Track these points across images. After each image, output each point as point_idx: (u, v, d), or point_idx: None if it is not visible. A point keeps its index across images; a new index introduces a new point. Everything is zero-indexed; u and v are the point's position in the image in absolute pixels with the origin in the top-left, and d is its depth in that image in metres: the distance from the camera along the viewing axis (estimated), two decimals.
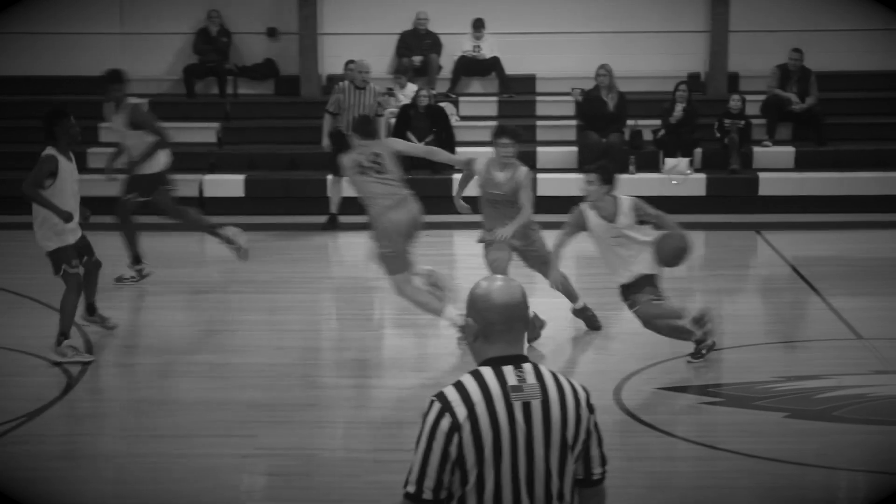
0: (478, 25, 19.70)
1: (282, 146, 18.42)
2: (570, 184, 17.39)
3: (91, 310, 11.53)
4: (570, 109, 18.85)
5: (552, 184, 17.33)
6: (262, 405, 9.78)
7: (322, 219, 16.85)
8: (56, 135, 10.70)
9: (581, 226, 10.66)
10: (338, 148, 15.21)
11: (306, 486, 8.27)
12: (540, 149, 18.47)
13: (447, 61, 19.85)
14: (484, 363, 4.47)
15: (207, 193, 17.53)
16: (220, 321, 12.35)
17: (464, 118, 19.12)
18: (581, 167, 17.42)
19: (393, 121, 18.06)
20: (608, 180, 10.49)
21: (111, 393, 10.38)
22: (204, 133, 18.60)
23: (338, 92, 16.36)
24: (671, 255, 10.44)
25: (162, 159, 13.42)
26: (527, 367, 4.46)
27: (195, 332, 12.16)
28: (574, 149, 18.28)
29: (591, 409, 4.52)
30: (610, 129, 18.04)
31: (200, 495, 8.14)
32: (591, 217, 10.54)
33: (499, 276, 4.64)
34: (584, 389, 4.54)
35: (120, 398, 10.32)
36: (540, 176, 17.38)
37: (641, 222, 10.48)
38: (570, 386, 4.48)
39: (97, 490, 8.42)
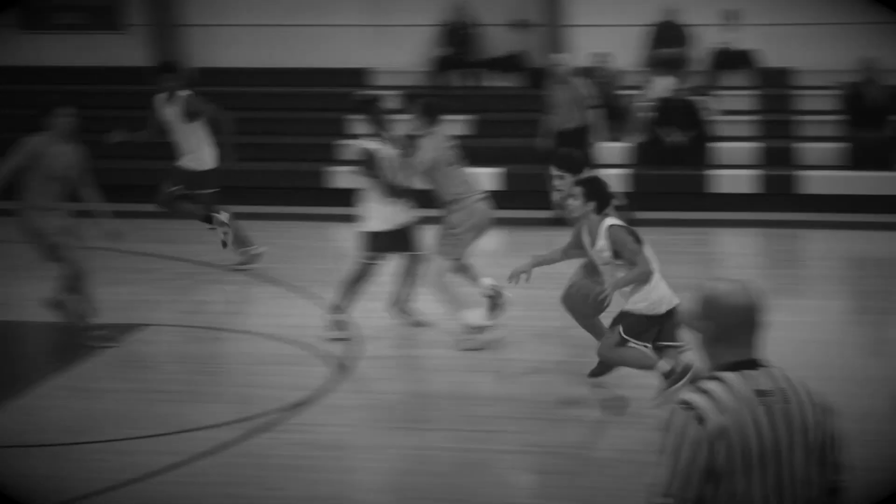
0: (731, 16, 19.30)
1: (530, 139, 18.33)
2: (835, 182, 17.06)
3: (401, 301, 11.65)
4: (833, 104, 18.29)
5: (817, 182, 16.92)
6: (528, 401, 9.78)
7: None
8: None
9: (579, 243, 9.72)
10: (558, 144, 15.32)
11: (577, 486, 8.24)
12: (799, 145, 18.02)
13: (703, 54, 19.48)
14: (724, 367, 4.37)
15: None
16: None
17: (722, 112, 18.70)
18: (854, 165, 17.08)
19: (647, 115, 17.86)
20: (591, 196, 9.37)
21: (378, 385, 10.46)
22: (453, 125, 18.54)
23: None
24: None
25: (208, 157, 13.61)
26: (770, 370, 4.38)
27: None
28: (838, 145, 17.72)
29: (831, 412, 4.42)
30: (874, 124, 17.45)
31: (465, 489, 8.17)
32: (584, 234, 9.61)
33: (732, 278, 4.53)
34: (819, 393, 4.43)
35: (386, 390, 10.44)
36: (803, 173, 17.03)
37: (616, 255, 9.23)
38: (809, 389, 4.40)
39: (361, 480, 8.59)
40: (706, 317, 4.39)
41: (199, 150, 13.58)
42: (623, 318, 9.28)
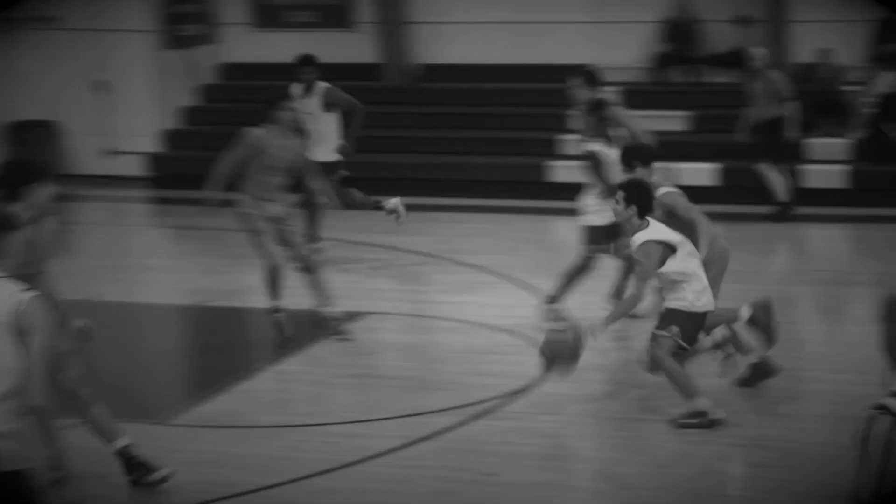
0: None
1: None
2: None
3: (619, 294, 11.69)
4: None
5: None
6: (742, 395, 9.73)
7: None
8: None
9: None
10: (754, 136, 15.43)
11: (787, 479, 8.21)
12: None
13: None
14: None
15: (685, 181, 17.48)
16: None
17: None
18: None
19: (870, 111, 17.56)
20: (632, 201, 9.09)
21: (592, 375, 10.49)
22: (673, 121, 18.57)
23: None
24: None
25: (332, 148, 13.72)
26: None
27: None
28: None
29: None
30: None
31: (679, 480, 8.23)
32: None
33: None
34: None
35: (600, 380, 10.46)
36: None
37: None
38: None
39: (575, 468, 8.74)
40: (891, 319, 4.36)
41: (330, 141, 13.86)
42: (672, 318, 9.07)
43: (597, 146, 11.40)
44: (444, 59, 20.14)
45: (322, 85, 13.92)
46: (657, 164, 10.09)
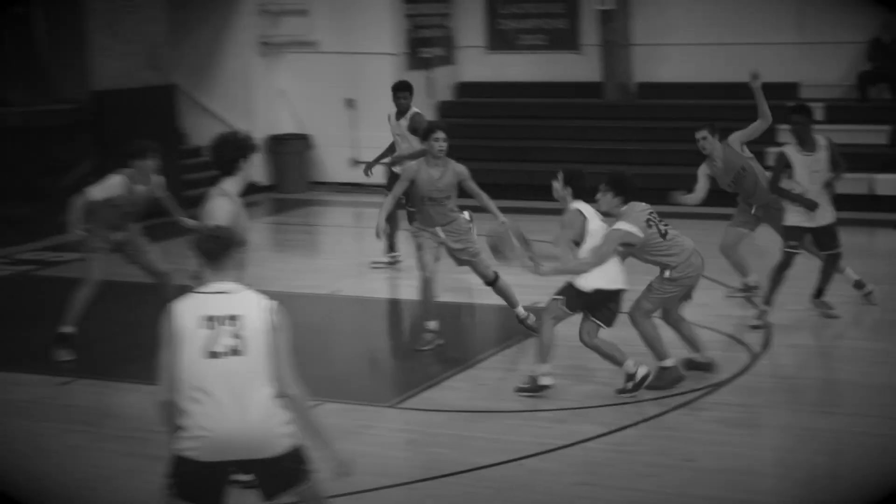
0: None
1: None
2: None
3: (819, 294, 11.45)
4: None
5: None
6: None
7: None
8: None
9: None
10: None
11: None
12: None
13: None
14: None
15: (879, 191, 17.04)
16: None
17: None
18: None
19: None
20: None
21: (790, 370, 10.27)
22: (875, 135, 17.98)
23: None
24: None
25: None
26: None
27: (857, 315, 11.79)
28: None
29: None
30: None
31: (871, 473, 7.89)
32: None
33: None
34: None
35: (797, 375, 10.16)
36: None
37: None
38: None
39: (770, 456, 8.38)
40: None
41: None
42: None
43: (791, 151, 11.12)
44: (659, 77, 19.88)
45: (414, 110, 13.73)
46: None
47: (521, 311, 10.95)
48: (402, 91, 13.86)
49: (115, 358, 10.80)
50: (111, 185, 10.45)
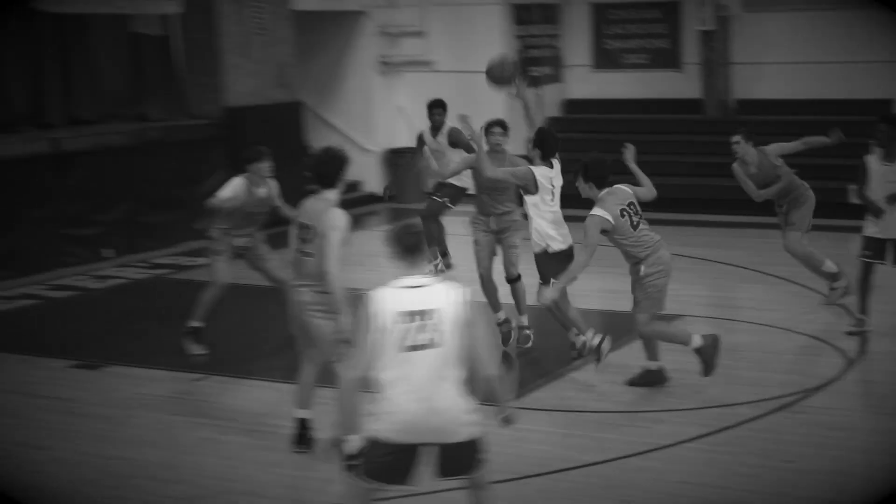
0: None
1: None
2: None
3: None
4: None
5: None
6: None
7: None
8: None
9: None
10: None
11: None
12: None
13: None
14: None
15: None
16: None
17: None
18: None
19: None
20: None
21: (884, 376, 10.03)
22: None
23: None
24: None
25: (467, 179, 12.91)
26: None
27: None
28: None
29: None
30: None
31: None
32: None
33: None
34: None
35: (891, 381, 9.92)
36: None
37: None
38: None
39: (864, 459, 8.20)
40: None
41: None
42: None
43: (871, 160, 10.89)
44: (757, 94, 19.57)
45: (448, 126, 13.55)
46: None
47: (501, 315, 10.97)
48: (436, 108, 13.75)
49: (242, 356, 10.91)
50: (233, 188, 10.58)
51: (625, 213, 9.27)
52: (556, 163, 10.13)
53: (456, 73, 19.73)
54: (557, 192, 10.09)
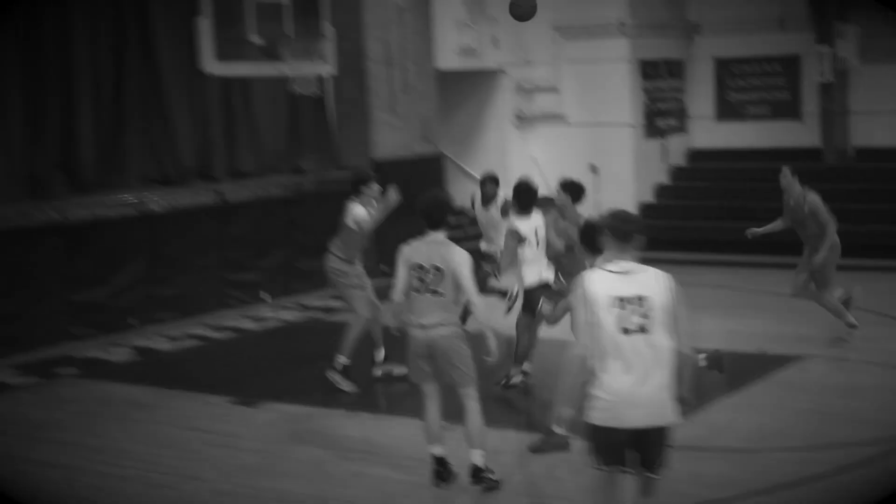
0: None
1: None
2: None
3: None
4: None
5: None
6: None
7: None
8: None
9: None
10: None
11: None
12: None
13: None
14: None
15: None
16: None
17: None
18: None
19: None
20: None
21: None
22: None
23: None
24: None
25: None
26: None
27: None
28: None
29: None
30: None
31: None
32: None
33: None
34: None
35: None
36: None
37: None
38: None
39: None
40: None
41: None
42: None
43: None
44: (875, 142, 19.05)
45: (503, 199, 12.90)
46: None
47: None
48: (489, 181, 13.21)
49: (388, 392, 10.92)
50: (357, 213, 10.61)
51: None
52: (535, 214, 10.43)
53: (587, 127, 19.69)
54: (538, 238, 10.35)
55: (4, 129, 13.48)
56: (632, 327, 5.68)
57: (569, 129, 19.85)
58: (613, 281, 5.72)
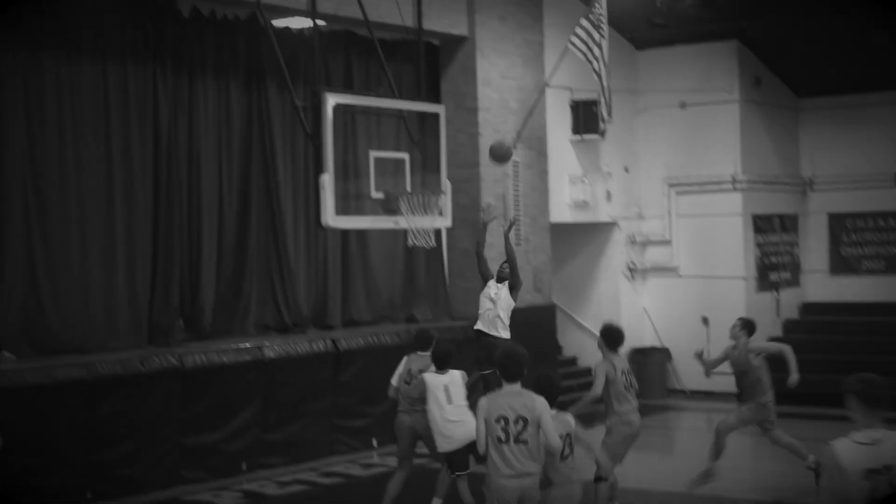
0: None
1: None
2: None
3: None
4: None
5: None
6: None
7: None
8: None
9: None
10: None
11: None
12: None
13: None
14: None
15: None
16: None
17: None
18: None
19: None
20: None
21: None
22: None
23: None
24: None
25: None
26: None
27: None
28: None
29: None
30: None
31: None
32: None
33: None
34: None
35: None
36: None
37: None
38: None
39: None
40: None
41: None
42: None
43: None
44: None
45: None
46: None
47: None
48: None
49: None
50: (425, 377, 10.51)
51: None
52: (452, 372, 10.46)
53: (698, 278, 19.46)
54: (451, 396, 10.32)
55: (131, 278, 13.73)
56: (886, 496, 5.17)
57: (680, 280, 19.68)
58: (866, 451, 5.23)
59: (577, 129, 18.37)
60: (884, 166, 19.26)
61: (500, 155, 11.70)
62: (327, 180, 14.06)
